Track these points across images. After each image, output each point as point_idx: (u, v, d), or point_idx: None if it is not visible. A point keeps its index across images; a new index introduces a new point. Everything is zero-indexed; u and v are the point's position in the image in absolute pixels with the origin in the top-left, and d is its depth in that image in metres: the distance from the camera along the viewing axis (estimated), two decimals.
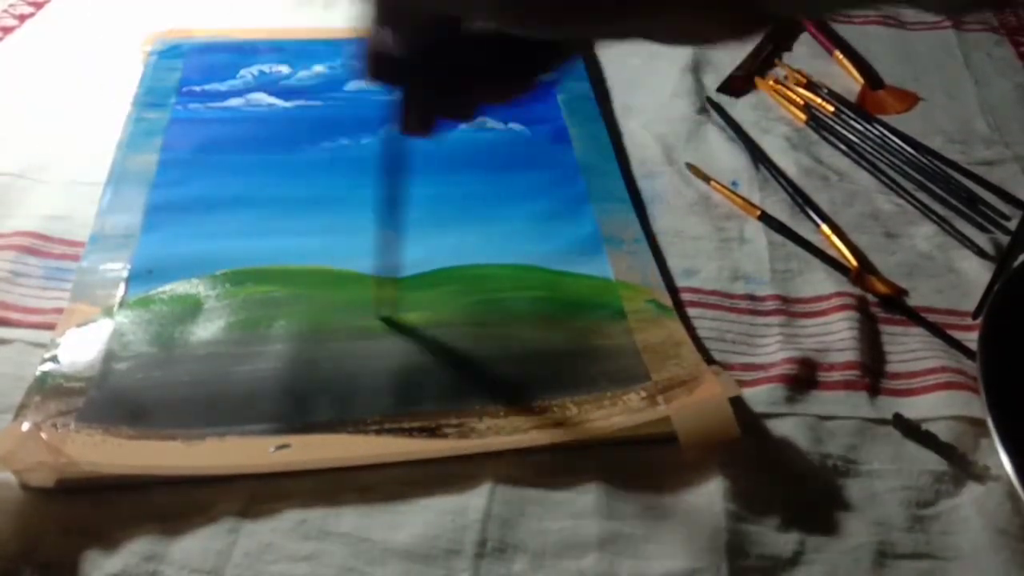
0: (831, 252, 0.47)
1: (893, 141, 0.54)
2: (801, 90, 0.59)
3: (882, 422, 0.38)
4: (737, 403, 0.37)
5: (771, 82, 0.60)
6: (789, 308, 0.43)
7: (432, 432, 0.36)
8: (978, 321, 0.42)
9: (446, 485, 0.34)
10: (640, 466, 0.36)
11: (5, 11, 0.63)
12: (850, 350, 0.41)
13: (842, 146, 0.55)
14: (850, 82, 0.61)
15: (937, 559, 0.33)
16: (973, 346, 0.40)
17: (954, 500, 0.35)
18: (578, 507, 0.34)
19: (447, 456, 0.35)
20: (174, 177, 0.48)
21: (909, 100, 0.60)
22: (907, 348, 0.42)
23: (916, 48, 0.66)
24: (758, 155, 0.53)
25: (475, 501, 0.34)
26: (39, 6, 0.64)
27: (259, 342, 0.39)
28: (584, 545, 0.33)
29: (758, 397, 0.39)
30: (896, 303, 0.44)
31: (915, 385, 0.40)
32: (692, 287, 0.44)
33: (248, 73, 0.57)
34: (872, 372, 0.40)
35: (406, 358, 0.39)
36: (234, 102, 0.55)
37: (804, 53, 0.64)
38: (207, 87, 0.55)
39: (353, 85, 0.57)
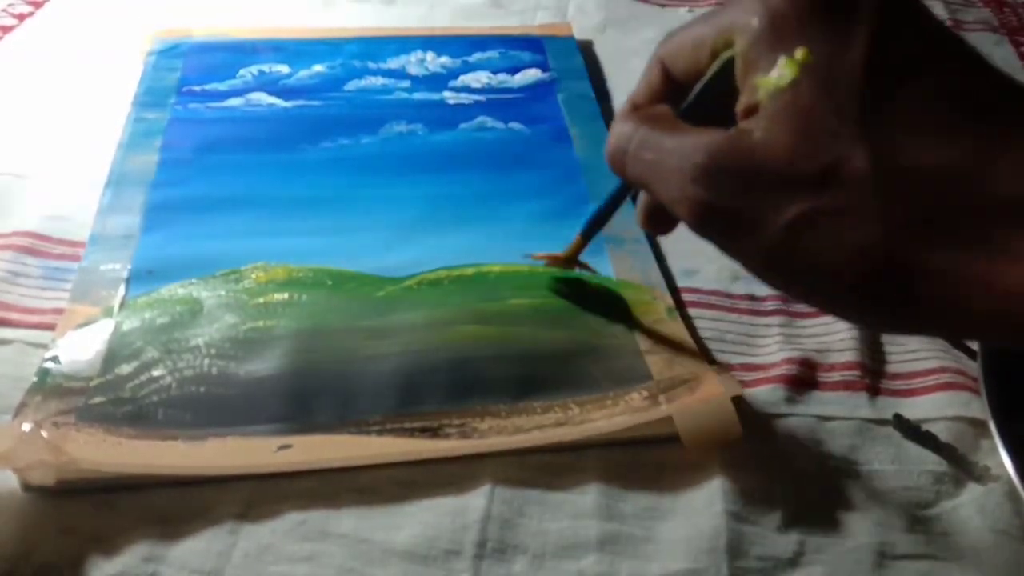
0: None
1: None
2: None
3: (882, 422, 0.38)
4: (739, 403, 0.37)
5: None
6: (789, 308, 0.43)
7: (434, 432, 0.36)
8: None
9: (446, 486, 0.34)
10: (640, 466, 0.36)
11: (4, 10, 0.63)
12: (850, 350, 0.41)
13: None
14: None
15: (937, 559, 0.33)
16: (974, 346, 0.40)
17: (954, 501, 0.35)
18: (578, 507, 0.34)
19: (448, 456, 0.35)
20: (174, 177, 0.48)
21: None
22: (907, 348, 0.42)
23: None
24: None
25: (475, 502, 0.34)
26: (38, 5, 0.64)
27: (260, 342, 0.39)
28: (584, 545, 0.33)
29: (758, 397, 0.39)
30: None
31: (915, 385, 0.40)
32: (692, 287, 0.44)
33: (248, 73, 0.57)
34: (872, 372, 0.40)
35: (407, 358, 0.39)
36: (234, 102, 0.54)
37: None
38: (207, 87, 0.55)
39: (352, 85, 0.57)
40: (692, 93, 0.28)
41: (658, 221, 0.32)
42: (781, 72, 0.22)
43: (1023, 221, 0.20)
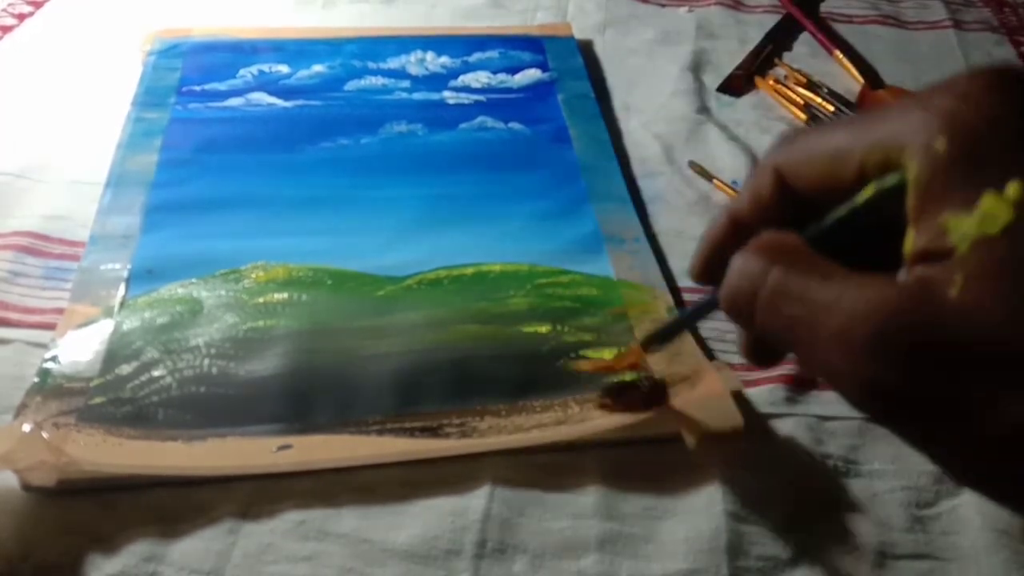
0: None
1: None
2: (801, 90, 0.59)
3: None
4: (738, 399, 0.37)
5: (771, 81, 0.60)
6: None
7: (434, 432, 0.36)
8: None
9: (446, 486, 0.34)
10: (640, 466, 0.36)
11: (4, 10, 0.63)
12: None
13: None
14: (850, 82, 0.61)
15: (937, 559, 0.33)
16: None
17: (954, 500, 0.35)
18: (578, 507, 0.34)
19: (448, 456, 0.35)
20: (174, 177, 0.48)
21: None
22: None
23: (916, 48, 0.66)
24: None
25: (475, 502, 0.34)
26: (38, 5, 0.64)
27: (260, 342, 0.39)
28: (584, 545, 0.33)
29: (759, 397, 0.39)
30: None
31: None
32: (692, 287, 0.44)
33: (248, 73, 0.57)
34: None
35: (407, 358, 0.39)
36: (234, 102, 0.54)
37: (804, 53, 0.64)
38: (207, 87, 0.55)
39: (352, 85, 0.57)
40: (830, 217, 0.22)
41: (767, 356, 0.26)
42: (986, 213, 0.17)
43: None
